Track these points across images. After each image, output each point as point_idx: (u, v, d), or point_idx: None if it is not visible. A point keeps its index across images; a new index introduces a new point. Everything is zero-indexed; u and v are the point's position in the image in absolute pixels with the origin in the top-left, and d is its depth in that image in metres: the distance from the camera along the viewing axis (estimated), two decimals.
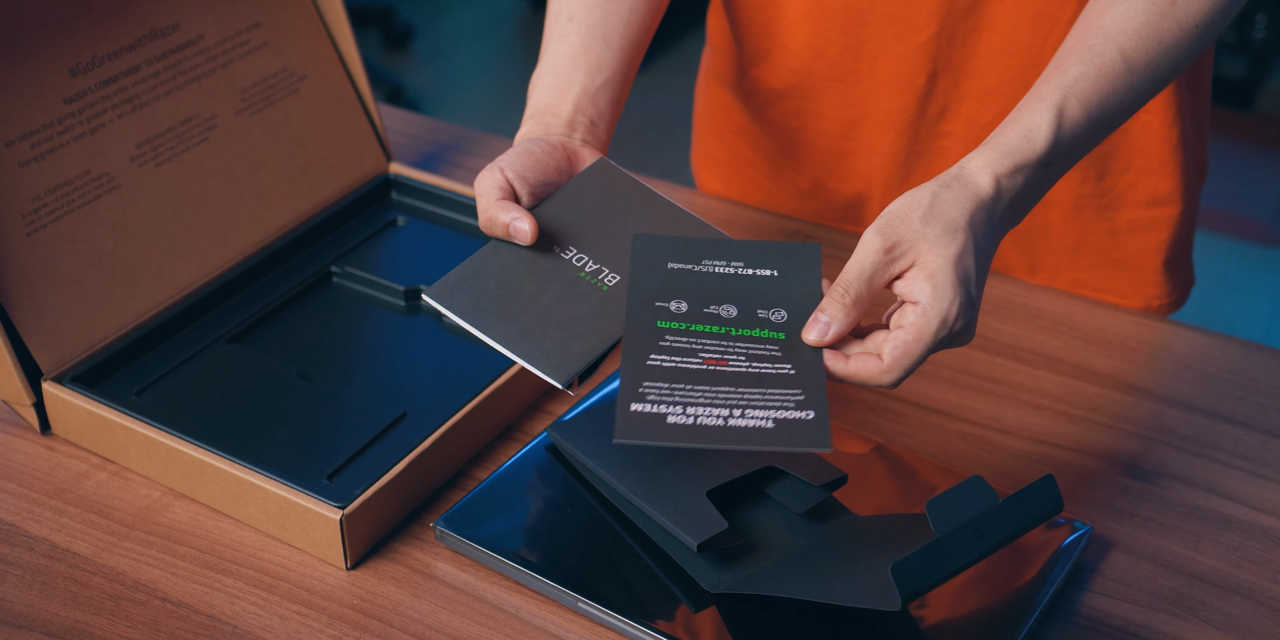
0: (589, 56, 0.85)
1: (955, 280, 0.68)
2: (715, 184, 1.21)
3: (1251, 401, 0.95)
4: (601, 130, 0.84)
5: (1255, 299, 2.54)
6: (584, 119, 0.83)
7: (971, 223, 0.69)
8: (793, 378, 0.70)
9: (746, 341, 0.72)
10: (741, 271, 0.76)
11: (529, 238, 0.75)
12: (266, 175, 1.02)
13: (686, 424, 0.67)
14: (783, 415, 0.67)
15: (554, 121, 0.83)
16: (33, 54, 0.88)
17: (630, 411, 0.67)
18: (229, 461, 0.81)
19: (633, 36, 0.87)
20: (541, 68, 0.86)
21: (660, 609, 0.76)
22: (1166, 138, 0.97)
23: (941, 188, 0.70)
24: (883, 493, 0.84)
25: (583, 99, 0.83)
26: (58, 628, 0.77)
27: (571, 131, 0.82)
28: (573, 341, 0.73)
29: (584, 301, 0.75)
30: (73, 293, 0.89)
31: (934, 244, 0.68)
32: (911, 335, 0.67)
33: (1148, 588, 0.81)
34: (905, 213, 0.69)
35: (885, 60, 0.98)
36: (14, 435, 0.90)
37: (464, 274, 0.75)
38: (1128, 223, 1.02)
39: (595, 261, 0.77)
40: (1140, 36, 0.73)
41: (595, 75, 0.84)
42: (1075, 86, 0.72)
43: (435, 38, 3.53)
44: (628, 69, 0.87)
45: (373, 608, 0.79)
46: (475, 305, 0.74)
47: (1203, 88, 1.01)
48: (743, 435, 0.66)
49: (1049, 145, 0.71)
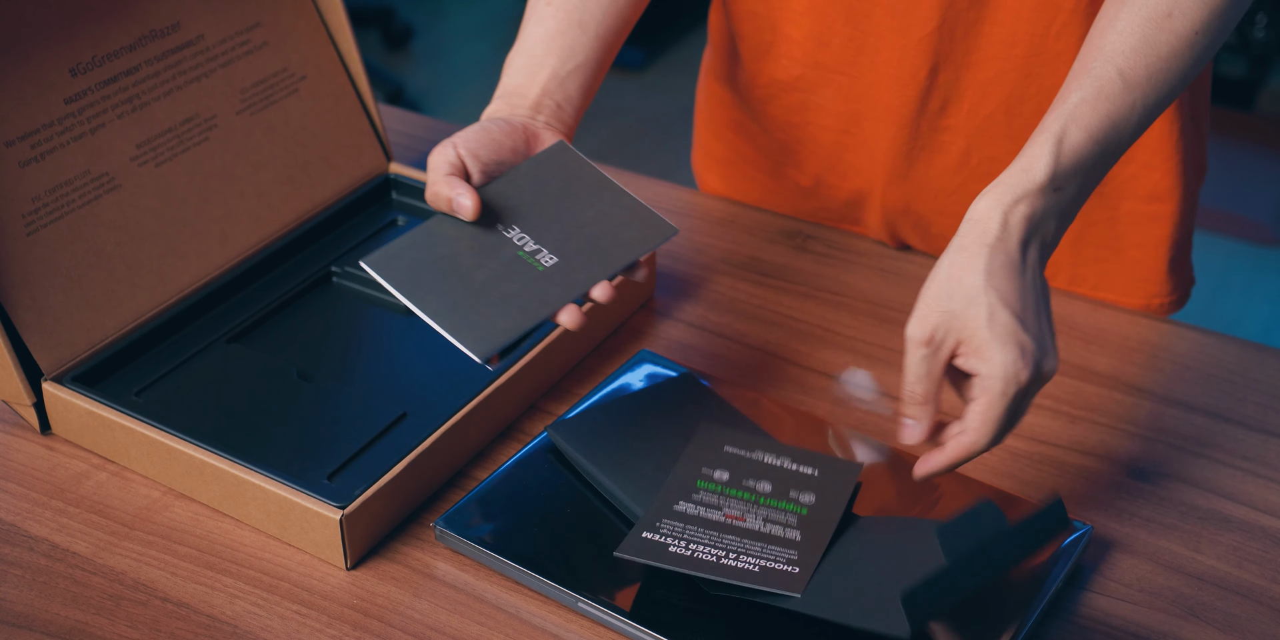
0: (563, 41, 0.87)
1: (998, 340, 0.70)
2: (716, 183, 1.21)
3: (1251, 401, 0.95)
4: (568, 115, 0.86)
5: (1255, 299, 2.54)
6: (550, 102, 0.85)
7: (990, 277, 0.71)
8: (796, 543, 0.77)
9: (770, 509, 0.79)
10: (786, 465, 0.83)
11: (470, 213, 0.76)
12: (266, 175, 1.02)
13: (683, 555, 0.74)
14: (770, 565, 0.75)
15: (520, 103, 0.85)
16: (33, 54, 0.88)
17: (640, 536, 0.76)
18: (229, 461, 0.81)
19: (610, 25, 0.89)
20: (516, 49, 0.88)
21: (660, 609, 0.76)
22: (1167, 134, 0.98)
23: (954, 254, 0.73)
24: (883, 493, 0.84)
25: (551, 83, 0.85)
26: (58, 628, 0.77)
27: (536, 114, 0.85)
28: (499, 318, 0.74)
29: (517, 279, 0.76)
30: (73, 293, 0.89)
31: (966, 319, 0.71)
32: (982, 404, 0.71)
33: (1148, 588, 0.81)
34: (931, 297, 0.72)
35: (887, 54, 0.98)
36: (14, 435, 0.90)
37: (404, 245, 0.76)
38: (1128, 215, 1.03)
39: (536, 241, 0.78)
40: (1138, 53, 0.75)
41: (567, 60, 0.86)
42: (1075, 113, 0.74)
43: (435, 38, 3.53)
44: (602, 57, 0.88)
45: (373, 608, 0.79)
46: (410, 277, 0.75)
47: (1202, 88, 1.01)
48: (728, 571, 0.74)
49: (1049, 173, 0.73)
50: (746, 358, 0.99)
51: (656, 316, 1.03)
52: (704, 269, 1.08)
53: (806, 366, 0.98)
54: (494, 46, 3.51)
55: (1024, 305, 0.71)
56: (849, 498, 0.81)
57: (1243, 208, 2.76)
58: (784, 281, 1.07)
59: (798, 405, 0.93)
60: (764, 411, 0.90)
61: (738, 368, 0.97)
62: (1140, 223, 1.03)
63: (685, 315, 1.03)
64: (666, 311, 1.03)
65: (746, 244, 1.11)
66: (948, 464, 0.74)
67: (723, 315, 1.03)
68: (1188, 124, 0.99)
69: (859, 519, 0.80)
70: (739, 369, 0.97)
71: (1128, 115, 0.75)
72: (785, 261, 1.09)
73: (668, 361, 0.94)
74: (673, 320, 1.02)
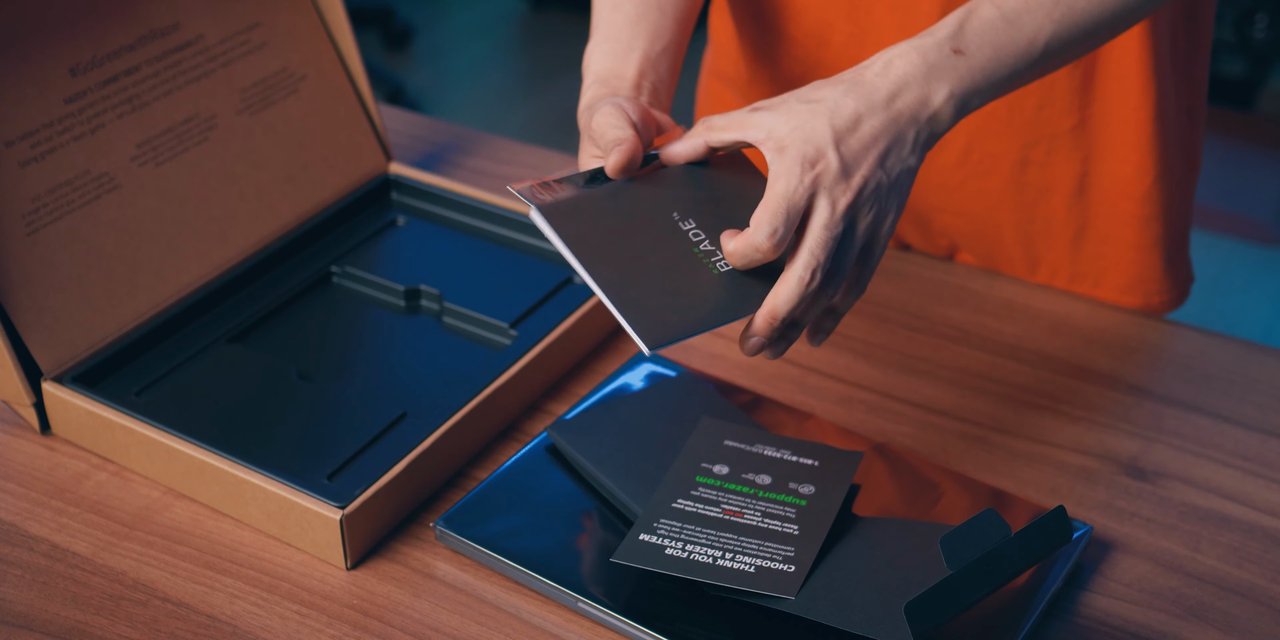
0: (646, 23, 0.85)
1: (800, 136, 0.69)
2: None
3: (1251, 401, 0.95)
4: (664, 97, 0.84)
5: (1255, 299, 2.54)
6: (648, 84, 0.83)
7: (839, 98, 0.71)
8: (793, 537, 0.77)
9: (768, 502, 0.79)
10: (786, 457, 0.83)
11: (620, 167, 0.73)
12: (266, 175, 1.02)
13: (680, 558, 0.75)
14: (766, 564, 0.75)
15: (621, 85, 0.82)
16: (33, 54, 0.88)
17: (637, 539, 0.76)
18: (229, 461, 0.81)
19: (684, 7, 0.88)
20: (599, 36, 0.85)
21: (660, 609, 0.76)
22: (1154, 135, 0.97)
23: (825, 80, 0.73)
24: (883, 493, 0.84)
25: (645, 64, 0.83)
26: (58, 628, 0.77)
27: (637, 95, 0.82)
28: (671, 312, 0.69)
29: (693, 276, 0.71)
30: (73, 293, 0.89)
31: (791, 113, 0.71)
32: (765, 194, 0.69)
33: (1148, 588, 0.81)
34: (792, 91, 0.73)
35: None
36: (14, 435, 0.90)
37: (578, 203, 0.72)
38: (1125, 215, 1.02)
39: (711, 243, 0.73)
40: None
41: (655, 42, 0.84)
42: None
43: (435, 38, 3.53)
44: (682, 37, 0.87)
45: (373, 608, 0.79)
46: (583, 237, 0.70)
47: (1199, 77, 1.01)
48: (724, 574, 0.74)
49: (951, 31, 0.72)
50: (746, 358, 0.99)
51: None
52: None
53: (806, 366, 0.98)
54: (494, 46, 3.51)
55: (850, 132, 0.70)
56: (848, 487, 0.81)
57: (1242, 207, 2.76)
58: None
59: (798, 405, 0.93)
60: (764, 411, 0.90)
61: (738, 368, 0.97)
62: (1136, 222, 1.03)
63: None
64: None
65: None
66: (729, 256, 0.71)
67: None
68: (1181, 117, 0.99)
69: (859, 519, 0.80)
70: (739, 369, 0.97)
71: (1048, 6, 0.74)
72: None
73: (668, 361, 0.94)
74: None
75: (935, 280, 1.07)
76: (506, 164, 1.20)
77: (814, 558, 0.75)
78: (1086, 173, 1.01)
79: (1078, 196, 1.03)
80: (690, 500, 0.79)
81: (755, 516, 0.78)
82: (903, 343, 1.00)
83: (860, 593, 0.73)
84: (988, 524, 0.70)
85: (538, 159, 1.21)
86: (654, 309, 0.69)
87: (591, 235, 0.71)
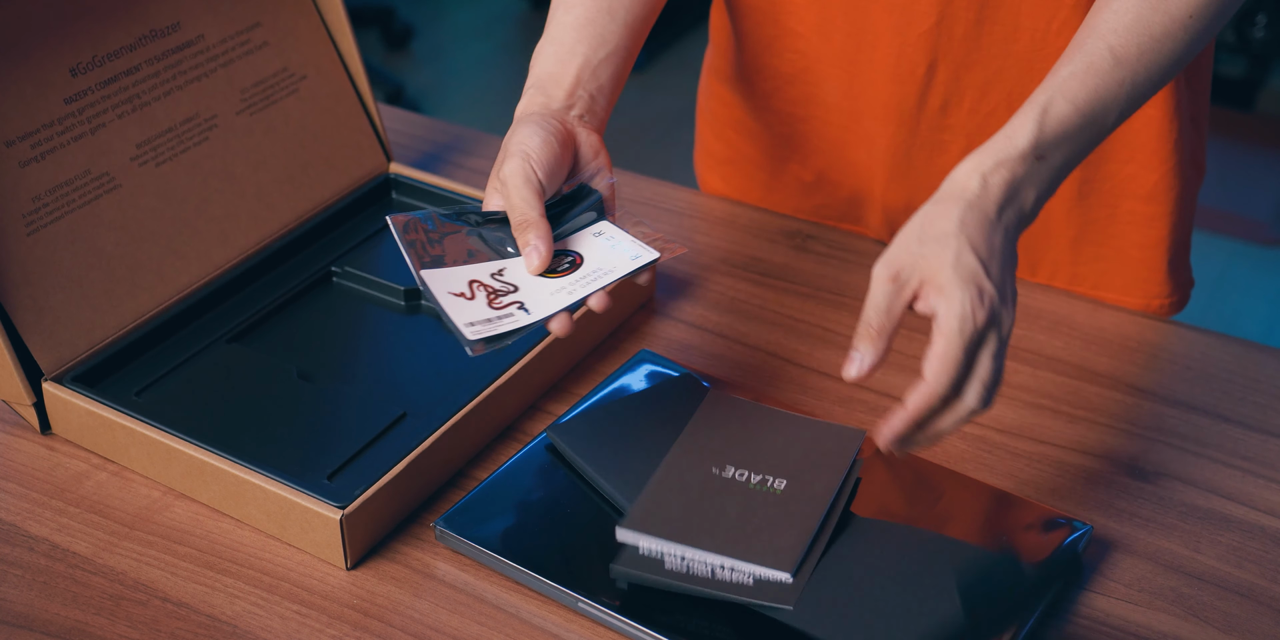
0: (593, 29, 0.86)
1: (960, 280, 0.70)
2: (717, 182, 1.21)
3: (1251, 401, 0.95)
4: (600, 106, 0.85)
5: (1255, 299, 2.54)
6: (584, 92, 0.84)
7: (963, 226, 0.71)
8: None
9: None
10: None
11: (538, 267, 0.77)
12: (266, 175, 1.02)
13: (680, 571, 0.76)
14: (763, 573, 0.75)
15: (555, 92, 0.84)
16: (33, 54, 0.88)
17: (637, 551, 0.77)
18: (229, 461, 0.81)
19: (638, 13, 0.88)
20: (545, 38, 0.87)
21: (660, 609, 0.76)
22: (1166, 134, 0.98)
23: (931, 205, 0.73)
24: (883, 493, 0.84)
25: (584, 71, 0.84)
26: (58, 628, 0.77)
27: (570, 105, 0.84)
28: (778, 537, 0.77)
29: (766, 507, 0.79)
30: (73, 293, 0.89)
31: (933, 258, 0.71)
32: (939, 344, 0.70)
33: (1148, 588, 0.81)
34: (903, 240, 0.72)
35: (885, 50, 0.98)
36: (14, 435, 0.90)
37: (647, 502, 0.79)
38: (1128, 214, 1.03)
39: (757, 474, 0.81)
40: (1131, 32, 0.76)
41: (599, 48, 0.85)
42: (1063, 86, 0.75)
43: (435, 38, 3.53)
44: (631, 44, 0.87)
45: (373, 608, 0.79)
46: (672, 526, 0.77)
47: (1201, 87, 1.01)
48: (725, 586, 0.75)
49: (1032, 140, 0.74)
50: (746, 358, 0.99)
51: (656, 316, 1.03)
52: (704, 269, 1.08)
53: (806, 366, 0.98)
54: (494, 46, 3.51)
55: (990, 256, 0.71)
56: (850, 464, 0.81)
57: (1242, 207, 2.76)
58: (784, 281, 1.07)
59: (798, 405, 0.93)
60: None
61: (738, 368, 0.97)
62: (1139, 223, 1.03)
63: (685, 315, 1.03)
64: (666, 311, 1.03)
65: (747, 244, 1.11)
66: (908, 419, 0.72)
67: (723, 315, 1.03)
68: (1186, 123, 0.99)
69: (860, 521, 0.80)
70: (739, 369, 0.97)
71: (1116, 92, 0.76)
72: (786, 261, 1.09)
73: (668, 361, 0.94)
74: (673, 320, 1.02)
75: None
76: None
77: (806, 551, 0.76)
78: (1087, 178, 1.01)
79: (1078, 199, 1.03)
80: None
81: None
82: (903, 343, 1.00)
83: (860, 607, 0.74)
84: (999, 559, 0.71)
85: None
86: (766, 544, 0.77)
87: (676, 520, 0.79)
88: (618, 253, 0.78)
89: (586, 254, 0.79)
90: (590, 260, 0.78)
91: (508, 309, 0.75)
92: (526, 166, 0.78)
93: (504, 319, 0.74)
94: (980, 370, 0.71)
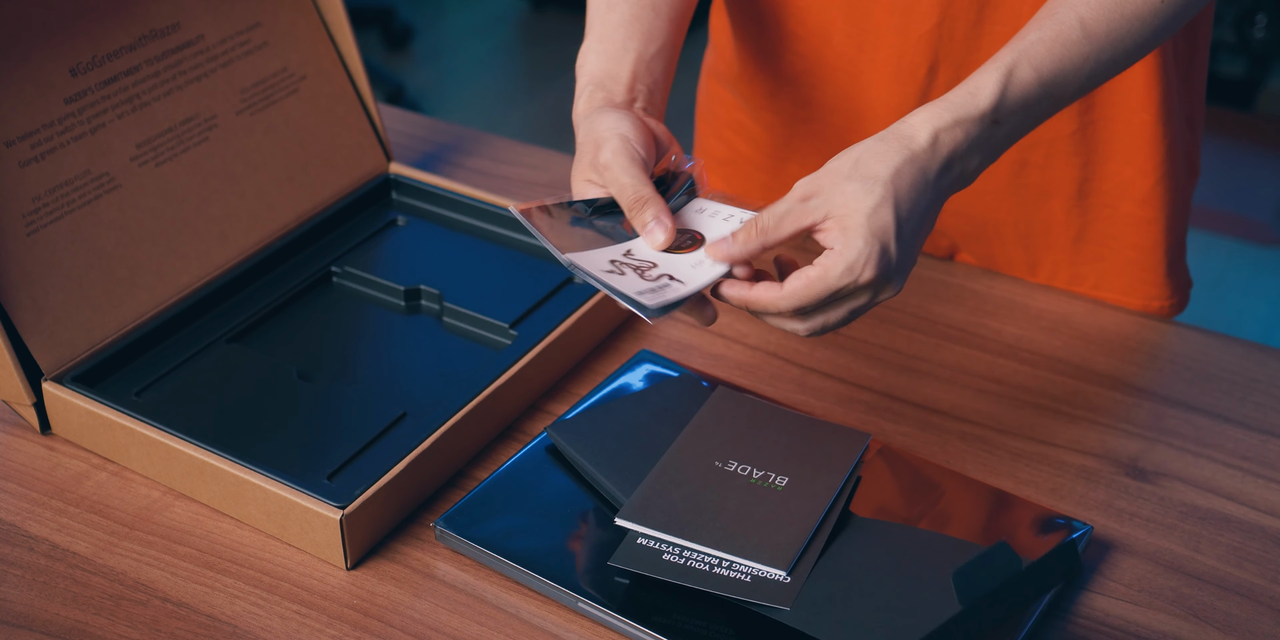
0: (640, 25, 0.85)
1: (868, 230, 0.70)
2: (716, 183, 1.21)
3: (1251, 401, 0.95)
4: (658, 100, 0.84)
5: (1255, 299, 2.54)
6: (642, 87, 0.83)
7: (895, 177, 0.71)
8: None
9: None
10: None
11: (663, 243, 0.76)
12: (266, 175, 1.02)
13: (677, 564, 0.76)
14: (761, 572, 0.75)
15: (615, 88, 0.82)
16: (33, 54, 0.88)
17: (636, 544, 0.77)
18: (229, 461, 0.81)
19: (678, 7, 0.87)
20: (593, 37, 0.85)
21: (659, 609, 0.76)
22: (1161, 138, 0.97)
23: (875, 142, 0.72)
24: (883, 493, 0.84)
25: (639, 66, 0.83)
26: (58, 628, 0.77)
27: (632, 98, 0.83)
28: (776, 534, 0.77)
29: (767, 503, 0.79)
30: (73, 293, 0.89)
31: (850, 196, 0.70)
32: (815, 271, 0.70)
33: (1148, 588, 0.81)
34: (835, 166, 0.72)
35: (886, 52, 0.98)
36: (14, 435, 0.90)
37: (646, 494, 0.79)
38: (1126, 216, 1.03)
39: (759, 470, 0.82)
40: (1103, 7, 0.75)
41: (649, 44, 0.84)
42: (1029, 51, 0.74)
43: (435, 38, 3.53)
44: (676, 38, 0.87)
45: (373, 608, 0.79)
46: (670, 519, 0.78)
47: (1197, 88, 1.01)
48: (721, 583, 0.75)
49: (994, 102, 0.73)
50: (746, 358, 0.99)
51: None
52: None
53: (806, 366, 0.98)
54: (494, 46, 3.51)
55: (909, 216, 0.71)
56: (853, 466, 0.82)
57: (1242, 208, 2.76)
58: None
59: (798, 405, 0.93)
60: None
61: (738, 368, 0.97)
62: (1136, 225, 1.03)
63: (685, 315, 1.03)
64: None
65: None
66: (737, 299, 0.73)
67: (723, 315, 1.03)
68: (1181, 125, 0.99)
69: (859, 521, 0.80)
70: (739, 369, 0.97)
71: (1079, 66, 0.75)
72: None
73: (668, 361, 0.94)
74: (673, 320, 1.02)
75: (935, 280, 1.07)
76: (506, 164, 1.20)
77: (803, 549, 0.76)
78: (1087, 177, 1.01)
79: (1078, 199, 1.03)
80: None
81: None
82: (903, 343, 1.00)
83: (857, 607, 0.74)
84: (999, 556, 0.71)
85: (537, 159, 1.21)
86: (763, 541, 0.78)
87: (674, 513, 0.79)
88: (731, 226, 0.78)
89: (702, 230, 0.78)
90: (710, 235, 0.77)
91: (661, 280, 0.74)
92: (629, 147, 0.77)
93: (664, 289, 0.73)
94: (831, 314, 0.72)
